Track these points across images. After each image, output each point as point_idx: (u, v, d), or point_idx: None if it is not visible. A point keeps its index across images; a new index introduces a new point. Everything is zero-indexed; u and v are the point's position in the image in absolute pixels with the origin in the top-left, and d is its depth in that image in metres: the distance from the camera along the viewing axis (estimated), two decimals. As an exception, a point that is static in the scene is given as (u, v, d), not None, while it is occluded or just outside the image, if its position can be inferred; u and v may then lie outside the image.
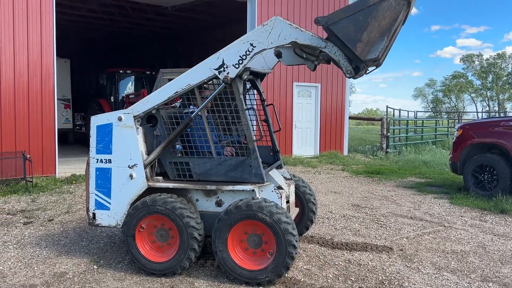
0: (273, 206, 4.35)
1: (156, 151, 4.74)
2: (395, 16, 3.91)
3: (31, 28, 9.55)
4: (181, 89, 4.63)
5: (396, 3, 3.88)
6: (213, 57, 4.51)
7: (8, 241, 5.74)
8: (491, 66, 68.88)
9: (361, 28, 3.91)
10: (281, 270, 4.31)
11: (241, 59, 4.40)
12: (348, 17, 3.95)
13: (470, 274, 4.79)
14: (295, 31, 4.28)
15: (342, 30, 3.97)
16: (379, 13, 3.89)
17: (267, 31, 4.32)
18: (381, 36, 3.92)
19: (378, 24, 3.89)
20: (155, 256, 4.66)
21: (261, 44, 4.36)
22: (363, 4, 3.93)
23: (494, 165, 8.51)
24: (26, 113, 9.56)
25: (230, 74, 4.44)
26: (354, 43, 3.94)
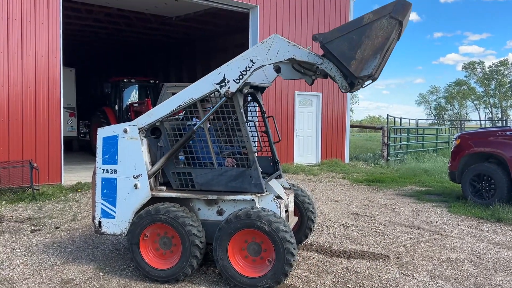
0: (271, 215, 4.52)
1: (160, 162, 4.93)
2: (387, 35, 4.11)
3: (38, 39, 9.81)
4: (184, 102, 4.83)
5: (388, 23, 4.08)
6: (215, 72, 4.71)
7: (16, 248, 5.93)
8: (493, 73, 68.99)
9: (355, 46, 4.11)
10: (280, 277, 4.47)
11: (242, 74, 4.60)
12: (343, 36, 4.15)
13: (464, 282, 4.94)
14: (293, 48, 4.47)
15: (337, 48, 4.17)
16: (372, 32, 4.09)
17: (266, 48, 4.52)
18: (374, 54, 4.11)
19: (371, 42, 4.09)
20: (158, 263, 4.83)
21: (260, 60, 4.56)
22: (357, 24, 4.14)
23: (492, 174, 8.65)
24: (33, 123, 9.78)
25: (231, 88, 4.63)
26: (349, 61, 4.13)
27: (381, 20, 4.08)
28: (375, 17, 4.10)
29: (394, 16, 4.07)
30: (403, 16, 4.12)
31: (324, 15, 15.42)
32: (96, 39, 21.76)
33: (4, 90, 9.43)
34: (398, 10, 4.07)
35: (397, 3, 4.09)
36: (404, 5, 4.09)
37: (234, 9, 13.80)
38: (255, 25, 13.87)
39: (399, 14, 4.08)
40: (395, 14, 4.06)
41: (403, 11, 4.10)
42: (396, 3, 4.10)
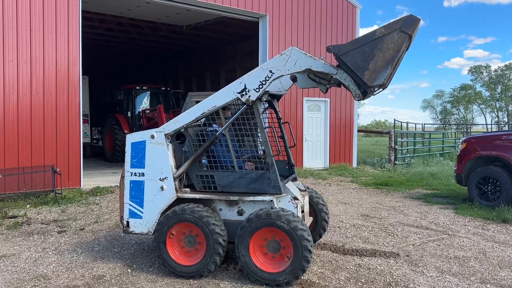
0: (290, 214, 4.85)
1: (185, 166, 5.28)
2: (397, 48, 4.46)
3: (59, 49, 10.23)
4: (208, 110, 5.19)
5: (398, 36, 4.44)
6: (236, 82, 5.07)
7: (47, 248, 6.30)
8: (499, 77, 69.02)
9: (368, 58, 4.47)
10: (298, 273, 4.80)
11: (261, 84, 4.96)
12: (356, 49, 4.52)
13: (470, 277, 5.24)
14: (309, 59, 4.83)
15: (351, 60, 4.53)
16: (384, 45, 4.46)
17: (285, 59, 4.88)
18: (386, 65, 4.47)
19: (383, 54, 4.45)
20: (184, 260, 5.17)
21: (279, 70, 4.92)
22: (369, 37, 4.50)
23: (497, 177, 8.93)
24: (54, 129, 10.19)
25: (251, 97, 5.00)
26: (362, 71, 4.49)
27: (392, 34, 4.44)
28: (387, 31, 4.45)
29: (404, 30, 4.42)
30: (412, 30, 4.47)
31: (331, 22, 15.79)
32: (108, 47, 22.24)
33: (27, 99, 9.86)
34: (408, 24, 4.43)
35: (407, 18, 4.45)
36: (413, 20, 4.44)
37: (244, 18, 14.20)
38: (264, 34, 14.26)
39: (408, 29, 4.43)
40: (405, 28, 4.41)
41: (412, 25, 4.44)
42: (406, 18, 4.45)
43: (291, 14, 14.71)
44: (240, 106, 5.27)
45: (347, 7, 16.28)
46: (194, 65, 22.39)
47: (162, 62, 24.24)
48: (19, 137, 9.74)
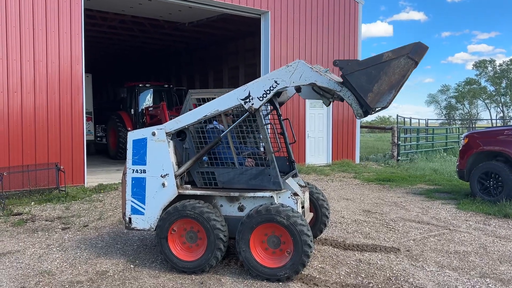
0: (289, 210, 4.90)
1: (187, 164, 5.34)
2: (403, 73, 4.48)
3: (62, 48, 10.31)
4: (210, 113, 5.23)
5: (405, 62, 4.45)
6: (241, 89, 5.11)
7: (51, 244, 6.38)
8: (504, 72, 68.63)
9: (373, 80, 4.49)
10: (298, 267, 4.85)
11: (265, 93, 5.01)
12: (362, 70, 4.53)
13: (470, 271, 5.28)
14: (315, 74, 4.84)
15: (356, 80, 4.55)
16: (390, 69, 4.47)
17: (291, 71, 4.91)
18: (390, 89, 4.50)
19: (388, 78, 4.47)
20: (185, 256, 5.24)
21: (284, 82, 4.95)
22: (376, 60, 4.52)
23: (499, 172, 8.94)
24: (58, 127, 10.28)
25: (254, 105, 5.05)
26: (366, 93, 4.52)
27: (399, 59, 4.44)
28: (394, 55, 4.47)
29: (412, 57, 4.43)
30: (420, 57, 4.47)
31: (333, 19, 15.78)
32: (111, 45, 22.32)
33: (30, 97, 9.94)
34: (416, 51, 4.44)
35: (416, 45, 4.46)
36: (421, 48, 4.44)
37: (246, 14, 14.22)
38: (266, 30, 14.28)
39: (416, 56, 4.44)
40: (413, 55, 4.43)
41: (420, 53, 4.45)
42: (415, 45, 4.46)
43: (293, 11, 14.71)
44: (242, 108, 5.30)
45: (349, 3, 16.25)
46: (197, 63, 22.43)
47: (165, 59, 24.29)
48: (23, 135, 9.83)
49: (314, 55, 15.32)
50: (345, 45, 16.20)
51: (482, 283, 4.91)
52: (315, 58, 15.31)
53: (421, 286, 4.82)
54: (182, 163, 5.48)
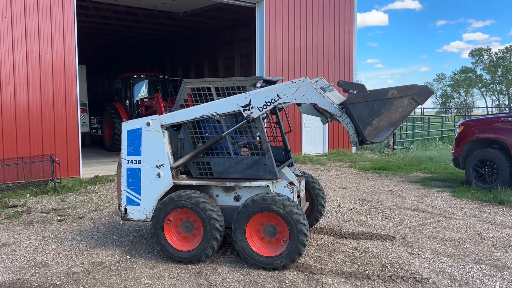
0: (285, 199, 4.90)
1: (185, 158, 5.31)
2: (405, 113, 4.51)
3: (54, 38, 10.20)
4: (207, 114, 5.20)
5: (408, 102, 4.46)
6: (242, 95, 5.08)
7: (46, 236, 6.36)
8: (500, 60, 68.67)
9: (374, 114, 4.51)
10: (294, 256, 4.86)
11: (266, 104, 4.99)
12: (365, 102, 4.54)
13: (465, 258, 5.30)
14: (318, 95, 4.82)
15: (357, 112, 4.56)
16: (392, 107, 4.48)
17: (294, 88, 4.88)
18: (389, 126, 4.52)
19: (389, 115, 4.49)
20: (181, 246, 5.23)
21: (286, 97, 4.93)
22: (381, 95, 4.53)
23: (494, 159, 8.96)
24: (52, 119, 10.21)
25: (253, 114, 5.03)
26: (365, 126, 4.54)
27: (403, 98, 4.45)
28: (399, 94, 4.47)
29: (416, 99, 4.45)
30: (424, 101, 4.50)
31: (328, 7, 15.68)
32: (105, 35, 22.12)
33: (23, 89, 9.86)
34: (421, 95, 4.45)
35: (422, 88, 4.48)
36: (427, 92, 4.47)
37: (241, 3, 14.10)
38: (261, 20, 14.18)
39: (420, 99, 4.46)
40: (417, 97, 4.44)
41: (425, 96, 4.47)
42: (421, 88, 4.48)
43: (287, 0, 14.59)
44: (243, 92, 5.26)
45: (345, -9, 16.14)
46: (192, 53, 22.28)
47: (160, 50, 24.13)
48: (16, 127, 9.77)
49: (310, 44, 15.24)
50: (340, 34, 16.13)
51: (477, 269, 4.94)
52: (310, 47, 15.24)
53: (417, 273, 4.84)
54: (177, 153, 5.45)
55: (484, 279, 4.68)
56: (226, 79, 5.30)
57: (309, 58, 15.27)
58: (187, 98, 5.50)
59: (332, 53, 15.92)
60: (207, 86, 5.35)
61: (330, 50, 15.85)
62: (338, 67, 16.07)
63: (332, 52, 15.92)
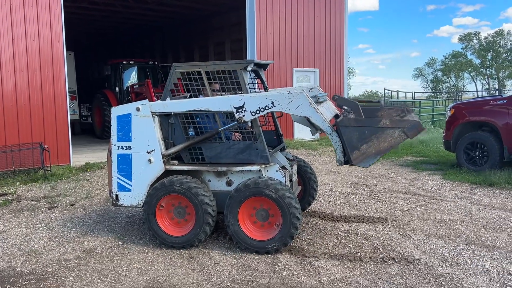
0: (277, 183, 4.89)
1: (178, 147, 5.27)
2: (393, 144, 4.56)
3: (41, 24, 10.01)
4: (199, 109, 5.16)
5: (399, 135, 4.50)
6: (237, 97, 5.03)
7: (37, 224, 6.31)
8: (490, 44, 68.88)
9: (363, 140, 4.56)
10: (286, 240, 4.87)
11: (259, 110, 4.95)
12: (357, 127, 4.58)
13: (456, 239, 5.36)
14: (312, 110, 4.80)
15: (348, 135, 4.61)
16: (382, 136, 4.53)
17: (290, 99, 4.85)
18: (376, 154, 4.58)
19: (378, 144, 4.54)
20: (174, 231, 5.22)
21: (280, 106, 4.90)
22: (373, 123, 4.59)
23: (485, 142, 9.02)
24: (41, 106, 10.07)
25: (245, 117, 5.00)
26: (353, 149, 4.60)
27: (395, 130, 4.50)
28: (391, 125, 4.53)
29: (407, 133, 4.50)
30: (413, 135, 4.56)
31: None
32: (93, 21, 21.77)
33: (10, 75, 9.69)
34: (412, 129, 4.50)
35: (415, 123, 4.52)
36: (418, 128, 4.51)
37: (231, -12, 13.91)
38: (251, 4, 14.01)
39: (411, 133, 4.51)
40: (408, 131, 4.50)
41: (415, 132, 4.53)
42: (414, 123, 4.52)
43: (278, -17, 14.42)
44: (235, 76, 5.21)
45: (335, -25, 15.98)
46: (182, 39, 22.04)
47: (150, 36, 23.83)
48: (4, 115, 9.63)
49: (301, 30, 15.13)
50: (331, 20, 16.01)
51: (468, 250, 4.99)
52: (301, 32, 15.13)
53: (408, 254, 4.88)
54: (168, 139, 5.40)
55: (475, 259, 4.73)
56: (217, 63, 5.24)
57: (300, 44, 15.17)
58: (177, 83, 5.43)
59: (323, 38, 15.82)
60: (197, 70, 5.28)
61: (321, 35, 15.75)
62: (330, 53, 16.00)
63: (323, 37, 15.82)
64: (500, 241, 5.25)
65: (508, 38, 68.01)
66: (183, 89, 5.72)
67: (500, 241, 5.27)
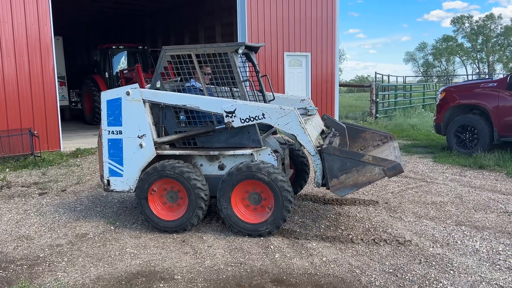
0: (270, 167, 4.89)
1: (171, 137, 5.25)
2: (371, 180, 4.66)
3: (28, 8, 9.81)
4: (190, 105, 5.13)
5: (378, 172, 4.59)
6: (229, 101, 5.05)
7: (28, 210, 6.27)
8: (481, 28, 68.98)
9: (344, 170, 4.67)
10: (279, 222, 4.90)
11: (249, 119, 4.97)
12: (340, 157, 4.67)
13: (446, 220, 5.42)
14: (300, 130, 4.88)
15: (330, 162, 4.70)
16: (363, 170, 4.61)
17: (281, 114, 4.88)
18: (353, 186, 4.69)
19: (357, 177, 4.63)
20: (166, 215, 5.22)
21: (270, 119, 4.94)
22: (356, 156, 4.68)
23: (475, 125, 9.08)
24: (29, 91, 9.92)
25: (234, 123, 5.00)
26: (332, 177, 4.71)
27: (375, 167, 4.59)
28: (373, 162, 4.60)
29: (386, 172, 4.57)
30: (392, 175, 4.65)
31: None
32: (81, 6, 21.39)
33: (-3, 60, 9.52)
34: (392, 169, 4.58)
35: (395, 165, 4.58)
36: (398, 169, 4.58)
37: (221, -30, 13.71)
38: (242, -13, 13.83)
39: (390, 173, 4.59)
40: (388, 171, 4.58)
41: (395, 172, 4.61)
42: (395, 164, 4.58)
43: (269, -34, 14.24)
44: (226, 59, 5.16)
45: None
46: (172, 23, 21.75)
47: (140, 20, 23.49)
48: (-8, 100, 9.48)
49: (292, 14, 14.99)
50: (322, 3, 15.88)
51: (458, 231, 5.05)
52: (293, 17, 15.00)
53: (400, 235, 4.93)
54: (159, 123, 5.36)
55: (465, 239, 4.79)
56: (207, 45, 5.18)
57: (291, 28, 15.05)
58: (167, 66, 5.37)
59: (315, 22, 15.71)
60: (187, 53, 5.22)
61: (313, 19, 15.63)
62: (321, 37, 15.91)
63: (315, 21, 15.71)
64: (490, 222, 5.33)
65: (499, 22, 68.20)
66: (173, 73, 5.67)
67: (490, 221, 5.34)
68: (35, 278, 4.19)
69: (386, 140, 6.01)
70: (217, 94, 5.60)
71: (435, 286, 3.80)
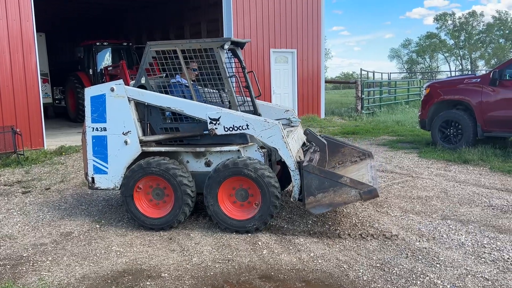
0: (257, 163, 4.87)
1: (159, 137, 5.18)
2: (346, 201, 4.69)
3: (9, 3, 9.61)
4: (174, 108, 5.09)
5: (354, 194, 4.63)
6: (214, 108, 5.01)
7: (11, 209, 6.15)
8: (463, 25, 69.85)
9: (321, 189, 4.68)
10: (266, 218, 4.89)
11: (233, 128, 4.93)
12: (319, 176, 4.68)
13: (432, 214, 5.47)
14: (282, 144, 4.87)
15: (309, 180, 4.71)
16: (339, 191, 4.65)
17: (265, 127, 4.87)
18: (329, 205, 4.71)
19: (333, 197, 4.66)
20: (153, 213, 5.16)
21: (253, 131, 4.91)
22: (336, 177, 4.69)
23: (459, 120, 9.18)
24: (11, 89, 9.74)
25: (217, 130, 4.96)
26: (309, 195, 4.71)
27: (352, 189, 4.63)
28: (350, 184, 4.63)
29: (362, 195, 4.61)
30: (367, 199, 4.73)
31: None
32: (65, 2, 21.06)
33: (-23, 57, 9.31)
34: (368, 193, 4.61)
35: (371, 189, 4.59)
36: (373, 193, 4.61)
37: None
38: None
39: (365, 196, 4.63)
40: (364, 194, 4.61)
41: (370, 196, 4.64)
42: (370, 188, 4.60)
43: (254, -38, 14.19)
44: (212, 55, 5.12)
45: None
46: (157, 20, 21.56)
47: (124, 17, 23.23)
48: (-27, 98, 9.28)
49: (278, 10, 14.97)
50: (308, 1, 15.88)
51: (444, 224, 5.10)
52: (278, 13, 14.98)
53: (386, 230, 4.96)
54: (144, 120, 5.30)
55: (451, 233, 4.84)
56: (193, 41, 5.13)
57: (277, 24, 15.03)
58: (152, 62, 5.30)
59: (301, 19, 15.72)
60: (172, 48, 5.16)
61: (298, 15, 15.64)
62: (307, 33, 15.92)
63: (301, 17, 15.72)
64: (474, 216, 5.39)
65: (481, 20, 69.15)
66: (158, 69, 5.60)
67: (474, 215, 5.40)
68: (19, 278, 4.11)
69: (364, 157, 6.09)
70: (203, 91, 5.57)
71: (422, 280, 3.83)
